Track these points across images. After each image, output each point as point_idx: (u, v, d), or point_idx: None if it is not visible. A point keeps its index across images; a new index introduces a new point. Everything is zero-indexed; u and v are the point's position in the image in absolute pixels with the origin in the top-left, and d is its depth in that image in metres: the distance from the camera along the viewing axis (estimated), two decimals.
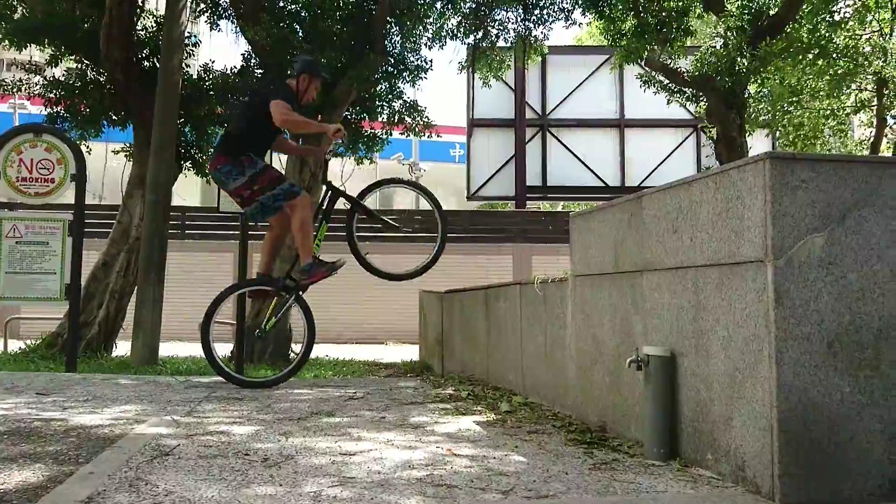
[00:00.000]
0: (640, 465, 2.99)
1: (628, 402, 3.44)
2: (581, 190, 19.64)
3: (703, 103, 10.89)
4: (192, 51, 9.41)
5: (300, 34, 8.63)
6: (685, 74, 10.59)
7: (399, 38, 9.28)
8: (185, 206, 17.86)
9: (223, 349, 9.97)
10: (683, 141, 19.48)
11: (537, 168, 19.31)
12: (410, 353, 10.73)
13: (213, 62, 9.44)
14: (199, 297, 16.07)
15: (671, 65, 11.05)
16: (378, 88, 9.16)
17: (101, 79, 8.93)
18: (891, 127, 13.52)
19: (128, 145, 9.34)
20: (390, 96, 9.40)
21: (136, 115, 8.75)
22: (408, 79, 9.34)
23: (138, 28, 9.16)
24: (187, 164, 9.45)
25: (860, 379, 2.51)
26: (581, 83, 19.34)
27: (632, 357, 3.15)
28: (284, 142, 5.37)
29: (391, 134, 9.69)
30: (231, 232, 16.16)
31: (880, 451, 2.49)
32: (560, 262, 5.44)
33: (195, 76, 9.30)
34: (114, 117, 9.19)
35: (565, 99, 19.35)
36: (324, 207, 5.14)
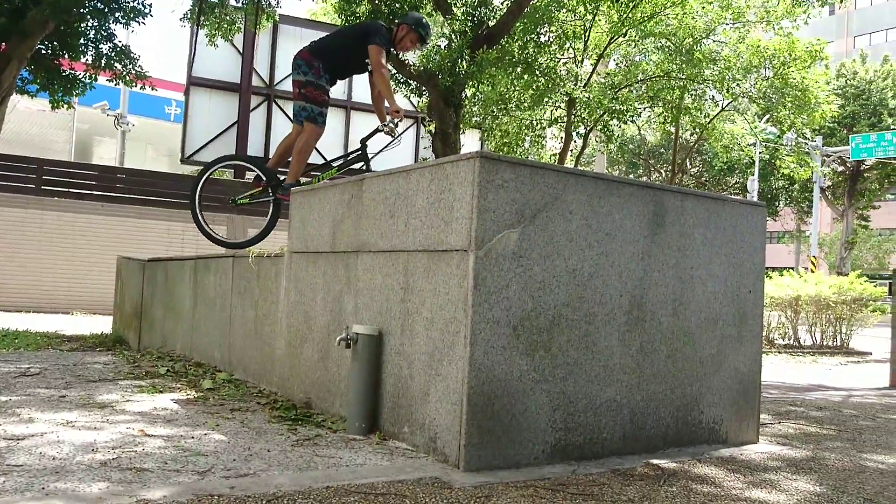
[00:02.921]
0: (342, 440, 3.08)
1: (335, 379, 3.51)
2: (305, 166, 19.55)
3: (425, 98, 11.49)
4: None
5: None
6: (412, 68, 11.08)
7: None
8: None
9: None
10: (405, 130, 20.39)
11: (260, 138, 18.72)
12: (102, 324, 9.71)
13: None
14: None
15: (400, 56, 11.48)
16: (83, 25, 8.06)
17: None
18: (575, 141, 15.67)
19: None
20: (98, 36, 8.34)
21: None
22: (121, 20, 8.37)
23: None
24: None
25: (536, 359, 2.88)
26: None
27: (342, 335, 3.23)
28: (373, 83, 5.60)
29: (96, 79, 8.61)
30: None
31: (546, 421, 2.89)
32: (277, 238, 5.37)
33: None
34: None
35: None
36: (348, 158, 5.71)
